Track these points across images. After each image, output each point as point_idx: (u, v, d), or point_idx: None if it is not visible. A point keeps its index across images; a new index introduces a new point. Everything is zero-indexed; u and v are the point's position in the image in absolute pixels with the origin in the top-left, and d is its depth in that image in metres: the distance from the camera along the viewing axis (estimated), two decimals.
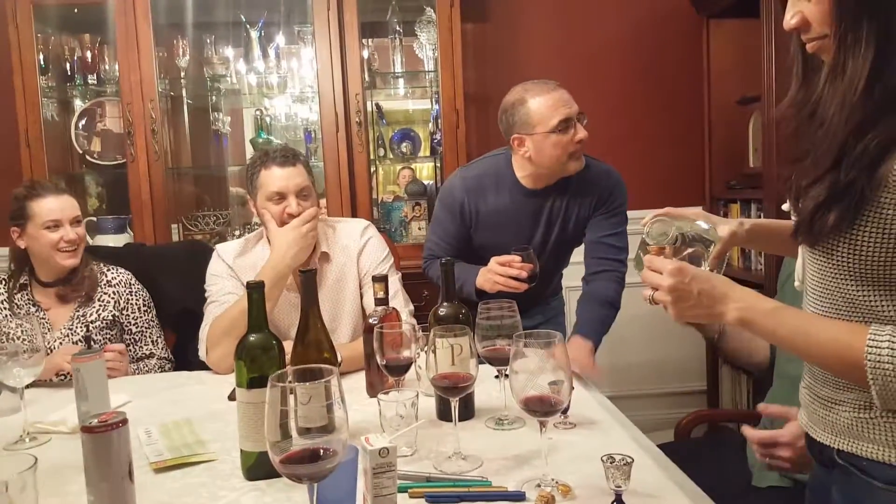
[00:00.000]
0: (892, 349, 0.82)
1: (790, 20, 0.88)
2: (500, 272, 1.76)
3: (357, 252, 1.89)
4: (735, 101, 2.97)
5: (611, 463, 0.98)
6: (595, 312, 1.88)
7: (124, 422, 0.98)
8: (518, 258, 1.75)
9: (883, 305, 0.86)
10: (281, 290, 1.76)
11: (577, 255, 2.07)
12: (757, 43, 2.53)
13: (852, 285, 0.88)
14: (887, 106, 0.81)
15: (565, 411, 1.27)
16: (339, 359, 1.61)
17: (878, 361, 0.83)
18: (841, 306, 0.90)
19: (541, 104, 1.81)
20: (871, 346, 0.83)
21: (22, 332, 1.40)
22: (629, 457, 0.99)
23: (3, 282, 1.95)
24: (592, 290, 1.92)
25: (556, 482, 1.06)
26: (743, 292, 0.94)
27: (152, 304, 2.04)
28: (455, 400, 1.18)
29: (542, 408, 1.02)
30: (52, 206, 1.89)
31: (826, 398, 0.95)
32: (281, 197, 1.77)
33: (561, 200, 1.95)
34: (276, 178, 1.76)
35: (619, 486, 0.97)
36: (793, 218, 0.98)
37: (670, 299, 0.95)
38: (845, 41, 0.82)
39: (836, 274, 0.89)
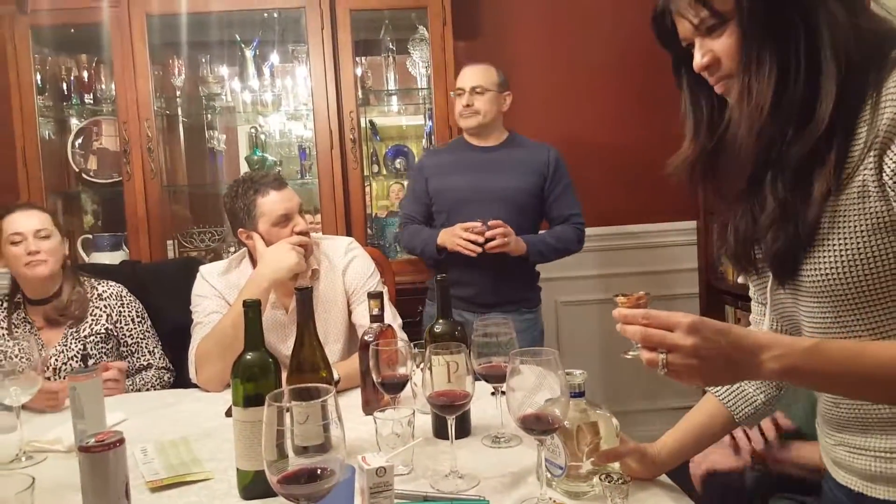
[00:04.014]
0: None
1: (701, 60, 0.88)
2: (462, 235, 2.20)
3: (342, 269, 1.91)
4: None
5: (609, 482, 0.98)
6: (542, 235, 2.37)
7: (121, 441, 0.99)
8: (479, 224, 2.19)
9: None
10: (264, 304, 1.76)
11: (562, 270, 2.10)
12: None
13: (861, 311, 0.83)
14: (795, 118, 0.82)
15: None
16: (337, 377, 1.62)
17: None
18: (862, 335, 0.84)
19: None
20: None
21: (19, 350, 1.39)
22: (627, 476, 0.99)
23: (1, 302, 1.95)
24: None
25: (554, 501, 1.06)
26: (774, 337, 0.83)
27: (146, 315, 2.04)
28: (451, 418, 1.18)
29: (539, 426, 1.02)
30: (16, 219, 1.88)
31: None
32: (287, 219, 1.80)
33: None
34: (278, 201, 1.80)
35: None
36: (750, 281, 0.99)
37: (696, 363, 0.80)
38: (750, 66, 0.83)
39: (836, 306, 0.84)
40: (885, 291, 0.81)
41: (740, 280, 1.03)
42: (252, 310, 1.17)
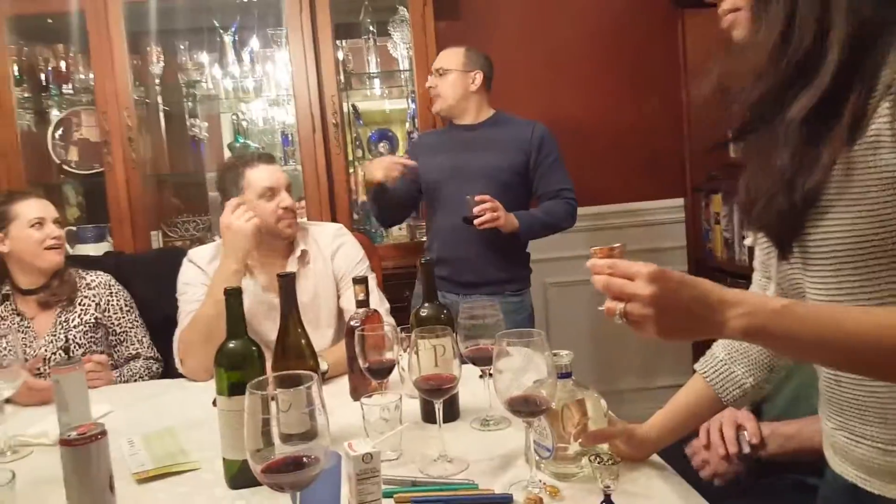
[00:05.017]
0: None
1: None
2: (394, 160, 2.28)
3: (331, 255, 1.91)
4: (713, 91, 2.98)
5: (598, 462, 0.97)
6: (532, 210, 2.36)
7: (103, 433, 0.98)
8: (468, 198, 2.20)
9: None
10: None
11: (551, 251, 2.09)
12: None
13: (871, 276, 0.78)
14: (801, 65, 0.79)
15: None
16: (326, 367, 1.61)
17: None
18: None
19: None
20: None
21: (5, 343, 1.38)
22: (617, 457, 0.99)
23: None
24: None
25: (544, 483, 1.06)
26: (743, 294, 0.78)
27: (134, 304, 2.03)
28: (439, 402, 1.18)
29: (526, 408, 1.02)
30: (35, 205, 1.94)
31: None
32: (273, 193, 1.81)
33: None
34: (265, 174, 1.82)
35: (608, 486, 0.96)
36: (756, 244, 0.95)
37: (652, 313, 0.77)
38: (761, 10, 0.81)
39: (843, 271, 0.79)
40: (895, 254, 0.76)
41: (747, 242, 0.99)
42: (233, 297, 1.15)
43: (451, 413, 1.38)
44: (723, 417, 1.37)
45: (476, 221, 2.17)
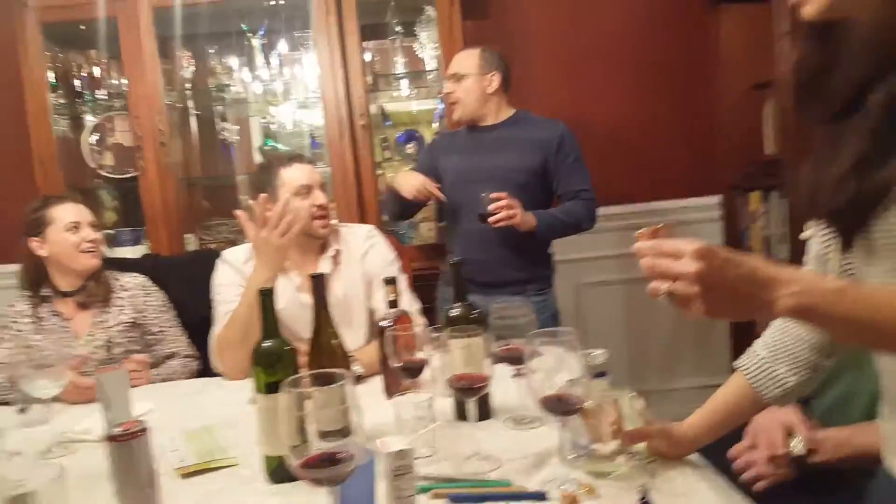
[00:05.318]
0: None
1: None
2: (422, 182, 2.30)
3: (362, 255, 1.93)
4: (749, 87, 2.92)
5: (635, 461, 0.97)
6: (550, 210, 2.34)
7: (145, 430, 1.00)
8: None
9: None
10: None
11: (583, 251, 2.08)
12: (768, 27, 2.50)
13: None
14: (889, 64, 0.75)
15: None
16: (361, 370, 1.63)
17: None
18: None
19: None
20: None
21: (50, 343, 1.42)
22: (655, 454, 0.98)
23: (27, 297, 1.98)
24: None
25: (579, 481, 1.05)
26: (795, 273, 0.74)
27: (170, 304, 2.07)
28: (471, 400, 1.18)
29: (561, 407, 1.02)
30: (72, 210, 1.99)
31: None
32: (308, 190, 1.83)
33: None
34: (300, 173, 1.85)
35: (645, 485, 0.96)
36: (815, 236, 0.91)
37: (699, 290, 0.73)
38: None
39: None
40: None
41: (803, 236, 0.95)
42: (266, 297, 1.17)
43: (484, 412, 1.38)
44: (770, 418, 1.34)
45: (491, 219, 2.16)
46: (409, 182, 2.32)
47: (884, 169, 0.74)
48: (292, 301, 1.83)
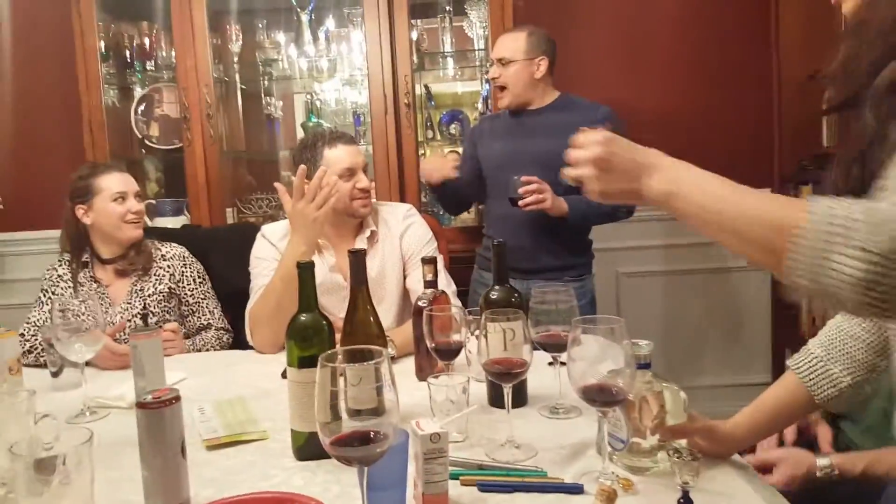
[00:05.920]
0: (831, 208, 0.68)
1: None
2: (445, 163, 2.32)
3: (400, 234, 1.90)
4: (807, 76, 2.81)
5: (678, 457, 0.91)
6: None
7: (177, 398, 0.99)
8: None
9: None
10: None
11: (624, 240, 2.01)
12: (829, 14, 2.37)
13: None
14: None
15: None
16: (394, 351, 1.61)
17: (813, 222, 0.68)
18: None
19: None
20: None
21: (86, 308, 1.43)
22: (697, 452, 0.93)
23: (67, 262, 2.01)
24: None
25: (617, 476, 1.01)
26: (677, 163, 0.84)
27: (207, 276, 2.08)
28: (508, 386, 1.14)
29: (601, 397, 0.97)
30: (118, 179, 2.00)
31: None
32: (351, 173, 1.81)
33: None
34: (345, 155, 1.82)
35: (687, 483, 0.90)
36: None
37: (595, 173, 0.85)
38: None
39: None
40: None
41: None
42: (305, 271, 1.15)
43: (520, 399, 1.34)
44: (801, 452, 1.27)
45: (521, 203, 2.12)
46: (431, 171, 2.33)
47: (878, 154, 0.73)
48: (326, 280, 1.81)
